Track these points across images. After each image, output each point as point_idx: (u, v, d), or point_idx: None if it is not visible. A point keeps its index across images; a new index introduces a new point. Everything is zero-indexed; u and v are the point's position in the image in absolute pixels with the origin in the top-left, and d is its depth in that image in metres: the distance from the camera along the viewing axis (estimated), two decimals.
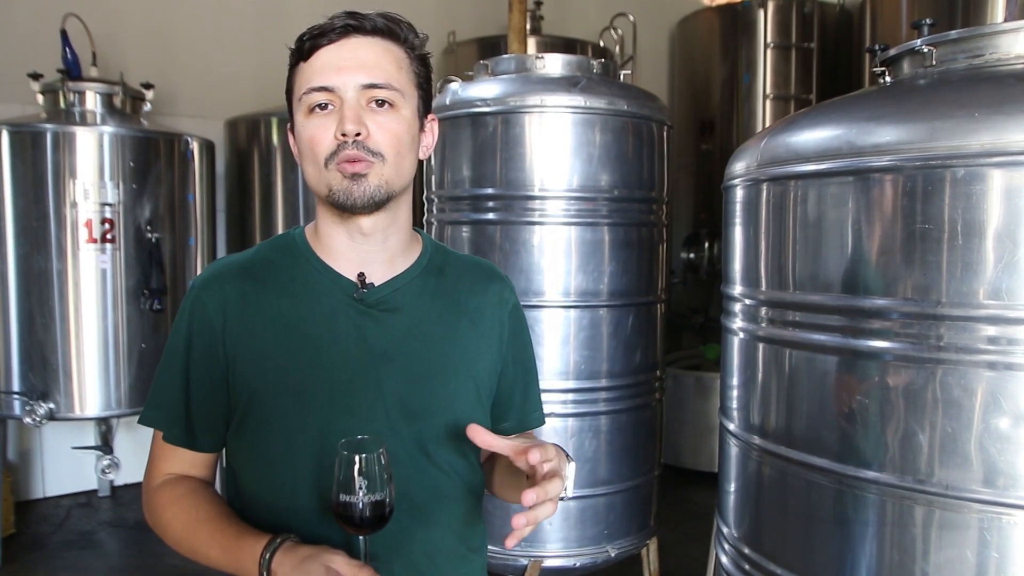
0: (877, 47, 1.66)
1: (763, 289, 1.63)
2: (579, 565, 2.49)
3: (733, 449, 1.77)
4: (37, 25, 3.69)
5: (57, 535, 3.51)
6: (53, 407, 3.11)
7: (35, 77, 3.30)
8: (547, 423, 1.46)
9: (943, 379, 1.31)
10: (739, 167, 1.72)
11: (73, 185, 3.09)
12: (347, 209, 1.04)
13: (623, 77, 2.65)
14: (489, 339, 1.18)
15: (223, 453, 1.17)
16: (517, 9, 3.01)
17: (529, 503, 0.89)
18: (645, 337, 2.55)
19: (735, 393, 1.76)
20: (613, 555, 2.51)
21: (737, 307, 1.75)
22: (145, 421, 1.13)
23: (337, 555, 0.93)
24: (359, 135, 1.01)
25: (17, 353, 3.11)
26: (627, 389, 2.51)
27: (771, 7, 4.58)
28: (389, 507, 0.95)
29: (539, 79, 2.45)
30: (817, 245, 1.48)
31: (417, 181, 1.14)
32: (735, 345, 1.77)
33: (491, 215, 2.43)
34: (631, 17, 4.63)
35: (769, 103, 4.59)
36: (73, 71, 3.36)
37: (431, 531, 1.11)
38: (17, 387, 3.11)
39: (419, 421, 1.09)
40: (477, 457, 1.19)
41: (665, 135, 2.60)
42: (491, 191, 2.42)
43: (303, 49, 1.04)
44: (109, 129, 3.19)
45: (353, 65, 1.02)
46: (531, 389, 1.27)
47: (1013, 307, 1.25)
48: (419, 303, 1.12)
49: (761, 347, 1.65)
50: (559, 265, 2.40)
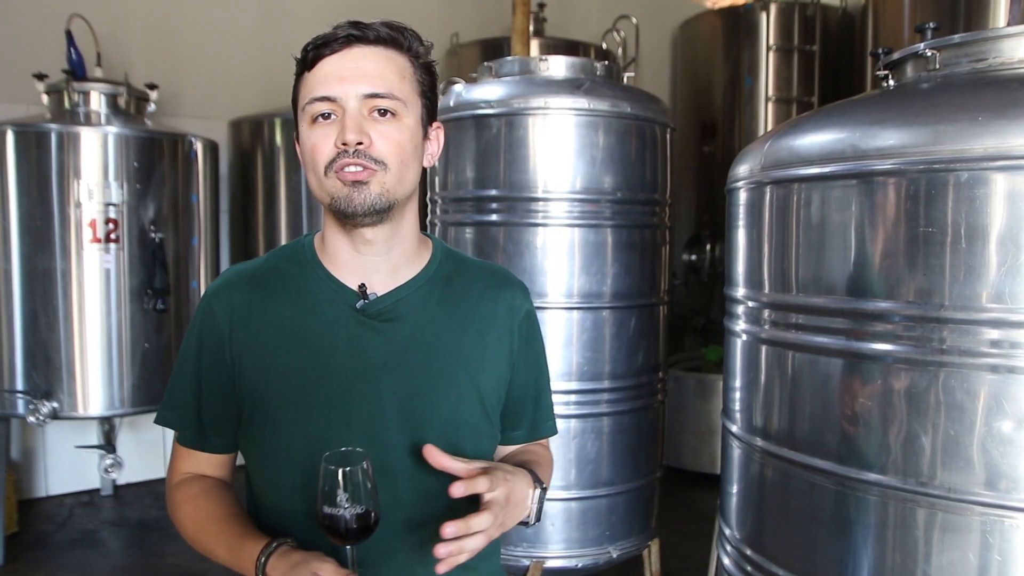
0: (880, 50, 1.67)
1: (766, 291, 1.64)
2: (581, 566, 2.49)
3: (735, 451, 1.78)
4: (42, 26, 3.70)
5: (60, 534, 3.52)
6: (56, 406, 3.12)
7: (40, 77, 3.31)
8: None
9: (946, 382, 1.31)
10: (743, 170, 1.73)
11: (77, 185, 3.10)
12: (348, 217, 1.04)
13: (626, 79, 2.66)
14: (497, 348, 1.16)
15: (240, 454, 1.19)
16: (520, 11, 3.01)
17: (446, 535, 0.90)
18: (647, 339, 2.56)
19: (738, 395, 1.77)
20: (615, 556, 2.52)
21: (740, 309, 1.76)
22: (160, 421, 1.16)
23: (326, 563, 0.94)
24: (360, 144, 1.01)
25: (21, 352, 3.12)
26: (629, 391, 2.52)
27: (773, 10, 4.58)
28: (374, 518, 0.95)
29: (543, 81, 2.46)
30: (820, 248, 1.49)
31: (420, 183, 1.15)
32: (738, 347, 1.77)
33: (494, 217, 2.44)
34: (634, 19, 4.64)
35: (771, 106, 4.59)
36: (78, 71, 3.37)
37: (426, 542, 1.09)
38: (21, 386, 3.11)
39: (419, 431, 1.08)
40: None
41: (668, 137, 2.61)
42: (494, 193, 2.43)
43: (307, 59, 1.05)
44: (113, 129, 3.20)
45: (355, 75, 1.02)
46: (543, 398, 1.26)
47: (1016, 311, 1.25)
48: (422, 313, 1.12)
49: (764, 349, 1.65)
50: (562, 267, 2.41)
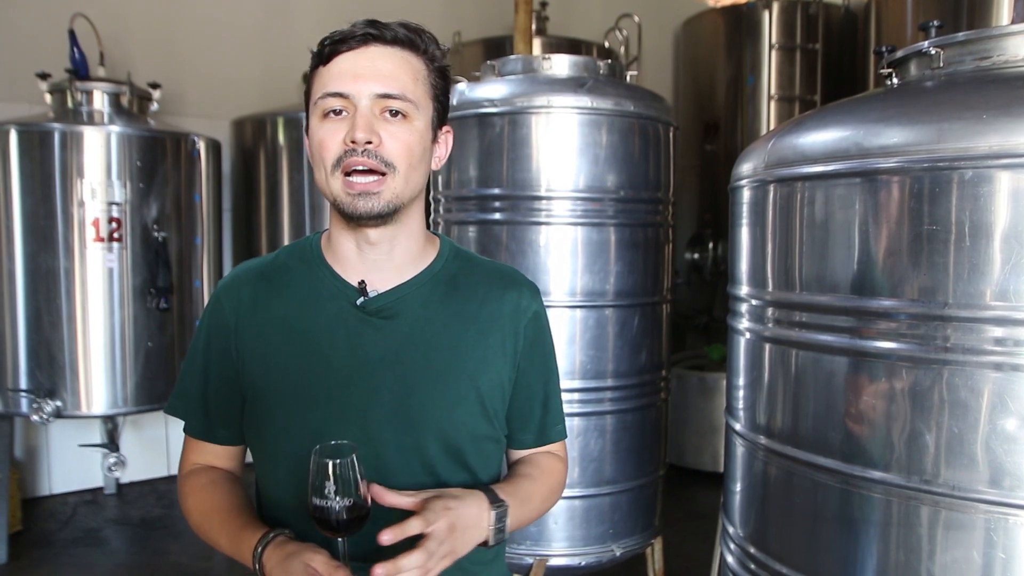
0: (884, 48, 1.66)
1: (770, 290, 1.64)
2: (584, 564, 2.49)
3: (739, 449, 1.78)
4: (45, 25, 3.71)
5: (63, 532, 3.52)
6: (60, 405, 3.12)
7: (43, 77, 3.32)
8: None
9: (950, 380, 1.31)
10: (746, 168, 1.73)
11: (80, 184, 3.10)
12: (353, 220, 1.05)
13: (629, 78, 2.66)
14: (500, 349, 1.15)
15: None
16: (523, 10, 3.01)
17: (377, 575, 0.90)
18: (650, 337, 2.56)
19: (741, 393, 1.77)
20: (618, 554, 2.52)
21: (743, 307, 1.76)
22: (169, 410, 1.19)
23: (319, 554, 0.95)
24: (370, 143, 1.01)
25: (24, 351, 3.12)
26: (632, 389, 2.52)
27: (776, 8, 4.58)
28: (364, 511, 0.96)
29: (546, 80, 2.46)
30: (824, 246, 1.49)
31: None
32: (741, 345, 1.77)
33: (497, 215, 2.44)
34: (636, 18, 4.64)
35: (774, 104, 4.59)
36: (81, 71, 3.37)
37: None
38: (24, 384, 3.12)
39: (416, 429, 1.08)
40: (488, 469, 1.16)
41: (671, 136, 2.61)
42: (497, 191, 2.43)
43: (323, 54, 1.05)
44: (116, 129, 3.21)
45: (369, 73, 1.02)
46: (552, 401, 1.23)
47: (1020, 308, 1.25)
48: (423, 311, 1.12)
49: (767, 347, 1.66)
50: (565, 265, 2.41)
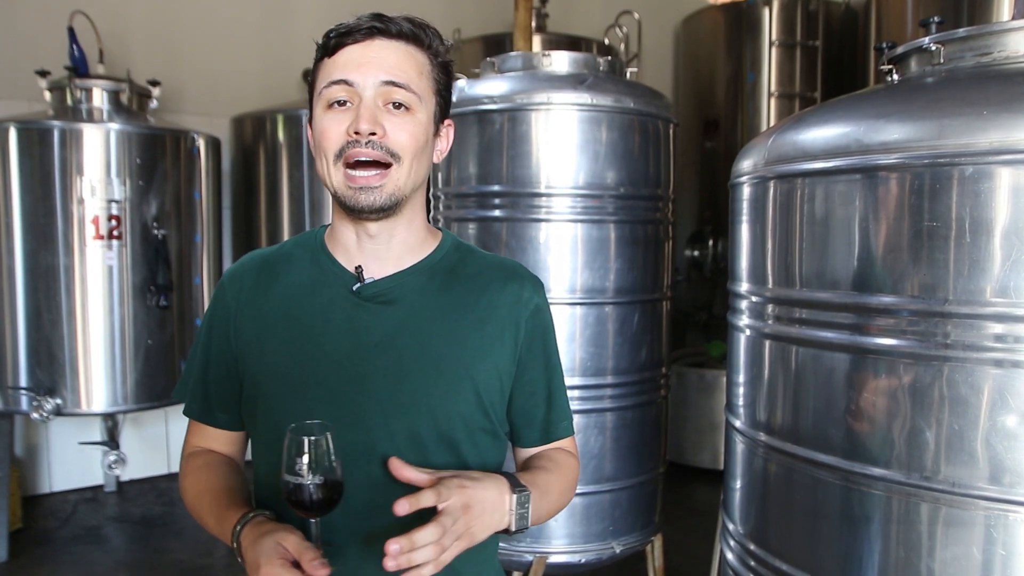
0: (884, 45, 1.66)
1: (770, 286, 1.64)
2: (584, 561, 2.49)
3: (739, 446, 1.78)
4: (44, 23, 3.70)
5: (63, 530, 3.53)
6: (60, 402, 3.12)
7: (42, 74, 3.32)
8: None
9: (950, 376, 1.31)
10: (746, 165, 1.73)
11: (80, 182, 3.10)
12: (354, 212, 1.07)
13: (629, 75, 2.65)
14: (498, 340, 1.14)
15: None
16: (523, 7, 3.01)
17: (390, 553, 0.89)
18: (650, 334, 2.56)
19: (741, 390, 1.77)
20: (618, 551, 2.52)
21: (743, 304, 1.76)
22: (176, 394, 1.23)
23: (292, 534, 0.96)
24: (374, 134, 1.02)
25: (24, 348, 3.12)
26: (632, 386, 2.52)
27: (776, 5, 4.57)
28: (335, 490, 0.96)
29: (546, 76, 2.45)
30: (824, 243, 1.49)
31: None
32: (741, 342, 1.77)
33: (497, 212, 2.44)
34: (636, 15, 4.63)
35: (774, 101, 4.59)
36: (80, 68, 3.37)
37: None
38: (24, 382, 3.12)
39: (408, 415, 1.08)
40: (485, 463, 1.15)
41: (671, 133, 2.61)
42: (497, 188, 2.43)
43: (328, 45, 1.06)
44: (116, 126, 3.20)
45: (375, 64, 1.04)
46: (557, 397, 1.21)
47: (1020, 305, 1.25)
48: (420, 298, 1.12)
49: (767, 344, 1.66)
50: (565, 262, 2.41)
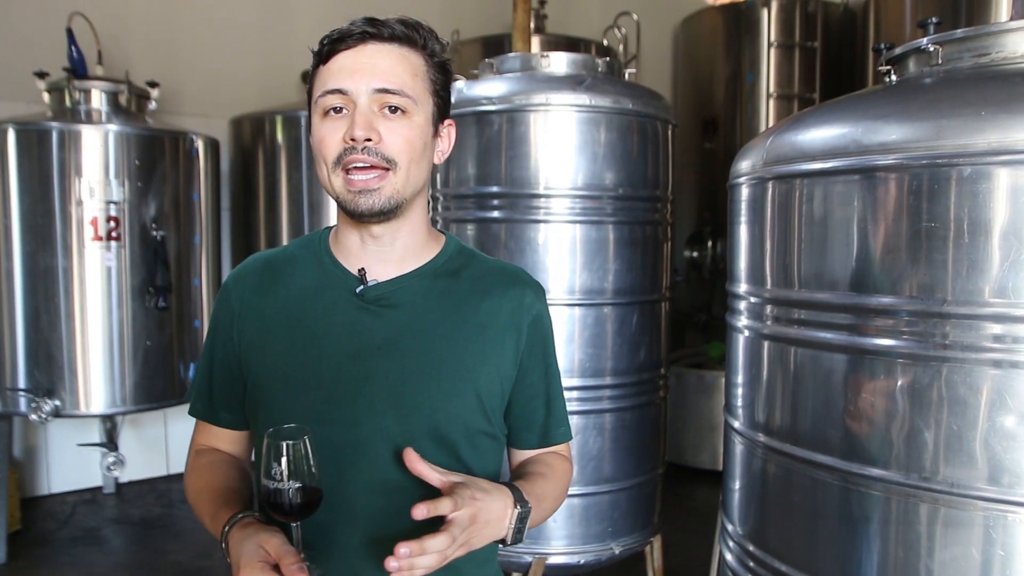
0: (883, 46, 1.66)
1: (768, 287, 1.64)
2: (583, 562, 2.49)
3: (738, 447, 1.78)
4: (43, 24, 3.70)
5: (62, 531, 3.52)
6: (59, 404, 3.12)
7: (41, 76, 3.32)
8: None
9: (948, 377, 1.31)
10: (744, 165, 1.73)
11: (79, 183, 3.10)
12: (354, 217, 1.07)
13: (627, 76, 2.65)
14: (499, 345, 1.15)
15: None
16: (521, 8, 3.01)
17: (399, 556, 0.89)
18: (649, 335, 2.56)
19: (740, 391, 1.77)
20: (617, 552, 2.52)
21: (742, 305, 1.76)
22: (188, 396, 1.24)
23: (274, 537, 0.96)
24: (369, 140, 1.03)
25: (23, 350, 3.12)
26: (631, 387, 2.52)
27: (775, 6, 4.57)
28: (316, 495, 0.96)
29: (544, 78, 2.46)
30: (823, 243, 1.49)
31: None
32: (740, 343, 1.77)
33: (496, 213, 2.44)
34: (635, 16, 4.63)
35: (772, 102, 4.58)
36: (79, 70, 3.37)
37: (409, 534, 1.07)
38: (23, 384, 3.12)
39: (409, 418, 1.08)
40: (484, 466, 1.15)
41: (669, 134, 2.61)
42: (496, 189, 2.43)
43: (322, 52, 1.07)
44: (114, 127, 3.20)
45: (368, 70, 1.04)
46: (555, 402, 1.23)
47: (1018, 305, 1.25)
48: (423, 302, 1.13)
49: (766, 345, 1.65)
50: (564, 263, 2.41)
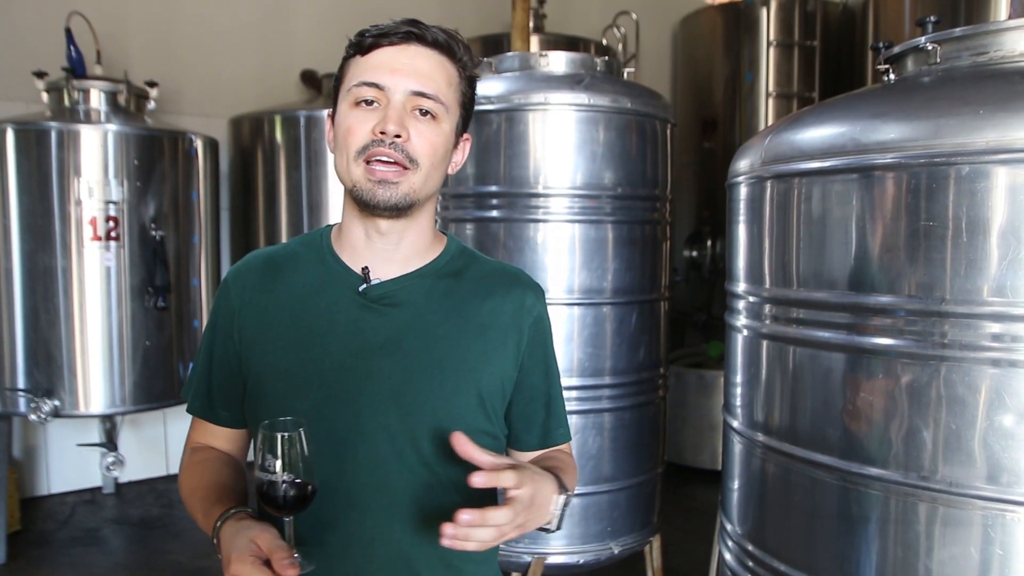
0: (881, 44, 1.66)
1: (767, 286, 1.64)
2: (583, 562, 2.49)
3: (737, 446, 1.78)
4: (42, 23, 3.70)
5: (62, 532, 3.52)
6: (58, 404, 3.12)
7: (40, 75, 3.31)
8: None
9: (947, 376, 1.31)
10: (743, 164, 1.73)
11: (78, 183, 3.10)
12: (369, 208, 1.07)
13: (627, 75, 2.65)
14: (501, 345, 1.15)
15: None
16: (520, 7, 3.00)
17: (460, 522, 0.89)
18: (648, 334, 2.56)
19: (739, 390, 1.77)
20: (616, 552, 2.52)
21: (741, 304, 1.76)
22: (183, 393, 1.24)
23: (266, 532, 0.95)
24: (399, 137, 1.03)
25: (22, 350, 3.12)
26: (630, 386, 2.52)
27: (774, 5, 4.57)
28: (308, 488, 0.96)
29: (543, 77, 2.45)
30: (821, 242, 1.49)
31: None
32: (739, 342, 1.77)
33: (495, 213, 2.43)
34: (634, 15, 4.63)
35: (772, 101, 4.58)
36: (78, 69, 3.37)
37: (409, 533, 1.09)
38: (22, 384, 3.12)
39: (411, 417, 1.08)
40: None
41: (668, 133, 2.61)
42: (495, 189, 2.43)
43: (363, 44, 1.07)
44: (113, 127, 3.20)
45: (408, 70, 1.05)
46: (555, 403, 1.23)
47: (1017, 304, 1.25)
48: (425, 302, 1.13)
49: (765, 344, 1.65)
50: (563, 262, 2.41)
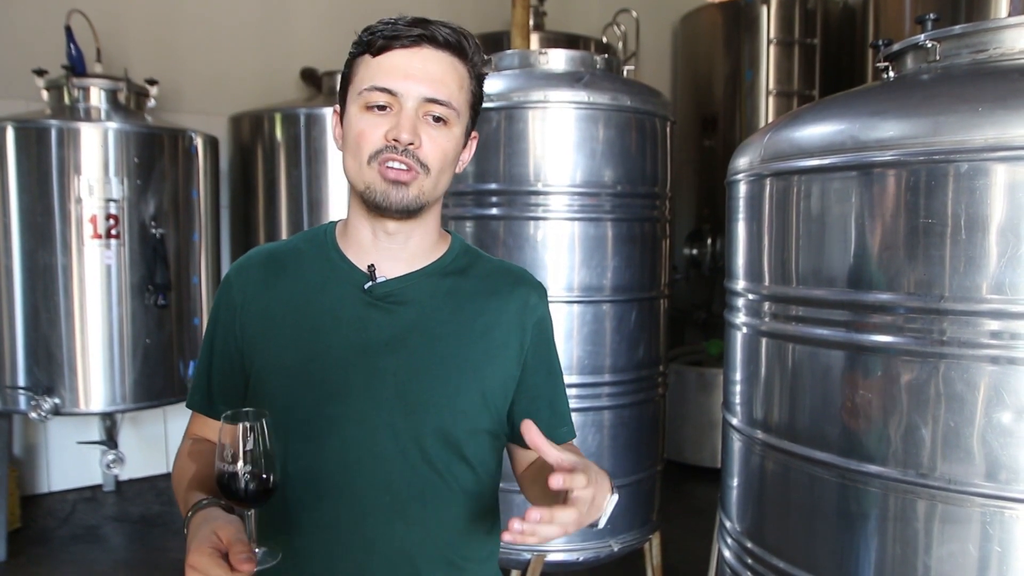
0: (881, 42, 1.66)
1: (766, 284, 1.64)
2: (582, 559, 2.49)
3: (736, 444, 1.78)
4: (42, 21, 3.70)
5: (62, 529, 3.53)
6: (58, 402, 3.12)
7: (40, 73, 3.31)
8: None
9: (946, 373, 1.31)
10: (742, 162, 1.73)
11: (78, 181, 3.09)
12: (380, 210, 1.07)
13: (626, 73, 2.65)
14: (504, 344, 1.15)
15: None
16: (520, 5, 3.00)
17: (529, 519, 0.88)
18: (648, 332, 2.56)
19: (738, 388, 1.77)
20: (616, 549, 2.52)
21: (740, 302, 1.76)
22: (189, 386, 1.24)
23: (230, 525, 0.94)
24: (411, 144, 1.03)
25: (23, 348, 3.12)
26: (630, 384, 2.52)
27: (774, 3, 4.57)
28: (269, 481, 0.95)
29: (543, 75, 2.45)
30: (820, 240, 1.49)
31: None
32: (738, 340, 1.77)
33: (494, 210, 2.43)
34: (634, 13, 4.63)
35: (772, 99, 4.58)
36: (78, 67, 3.36)
37: (412, 531, 1.09)
38: (22, 382, 3.12)
39: (416, 415, 1.08)
40: (486, 463, 1.16)
41: (668, 131, 2.61)
42: (494, 186, 2.43)
43: (374, 44, 1.06)
44: (114, 125, 3.20)
45: (420, 75, 1.05)
46: (558, 402, 1.24)
47: (1016, 302, 1.25)
48: (430, 300, 1.13)
49: (764, 342, 1.66)
50: (562, 260, 2.41)
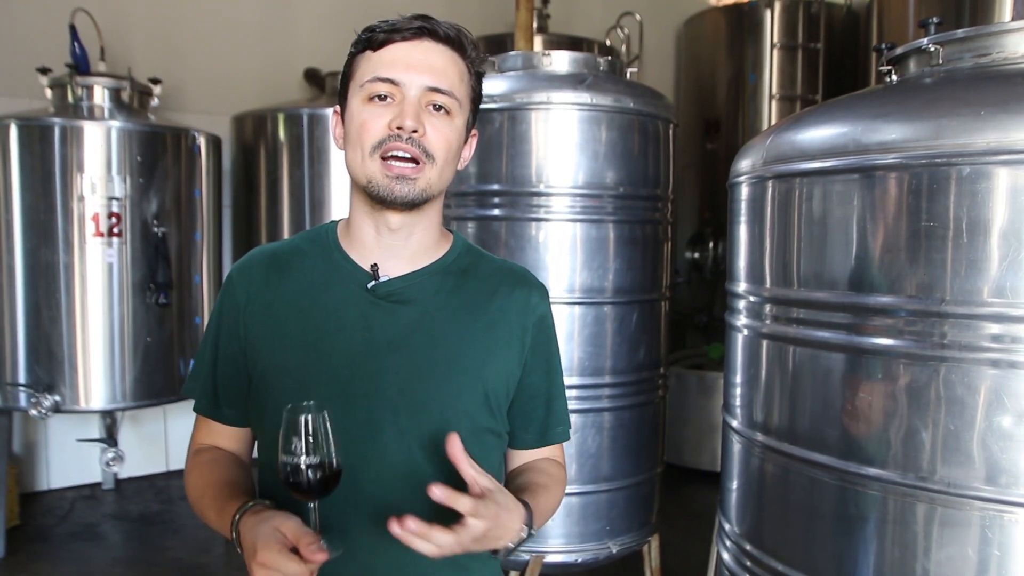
0: (884, 45, 1.66)
1: (767, 286, 1.64)
2: (581, 561, 2.49)
3: (736, 446, 1.78)
4: (46, 20, 3.71)
5: (61, 527, 3.53)
6: (58, 399, 3.12)
7: (43, 71, 3.32)
8: None
9: (946, 377, 1.31)
10: (744, 164, 1.73)
11: (81, 179, 3.10)
12: (383, 203, 1.07)
13: (629, 75, 2.65)
14: (506, 343, 1.16)
15: None
16: (524, 7, 3.00)
17: (406, 528, 0.90)
18: (649, 334, 2.56)
19: (738, 390, 1.77)
20: (615, 551, 2.52)
21: (741, 304, 1.76)
22: (184, 390, 1.22)
23: (291, 520, 0.95)
24: (416, 132, 1.04)
25: (24, 345, 3.13)
26: (630, 386, 2.52)
27: (778, 7, 4.58)
28: (332, 472, 0.96)
29: (546, 76, 2.46)
30: (822, 242, 1.49)
31: None
32: (739, 342, 1.77)
33: (496, 211, 2.44)
34: (637, 16, 4.64)
35: (775, 103, 4.59)
36: (81, 66, 3.37)
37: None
38: (23, 379, 3.12)
39: (419, 413, 1.09)
40: (489, 463, 1.16)
41: (671, 133, 2.61)
42: (497, 187, 2.43)
43: (375, 40, 1.07)
44: (117, 124, 3.21)
45: (422, 66, 1.06)
46: (555, 402, 1.25)
47: (1017, 305, 1.25)
48: (433, 299, 1.13)
49: (765, 344, 1.65)
50: (564, 262, 2.41)
